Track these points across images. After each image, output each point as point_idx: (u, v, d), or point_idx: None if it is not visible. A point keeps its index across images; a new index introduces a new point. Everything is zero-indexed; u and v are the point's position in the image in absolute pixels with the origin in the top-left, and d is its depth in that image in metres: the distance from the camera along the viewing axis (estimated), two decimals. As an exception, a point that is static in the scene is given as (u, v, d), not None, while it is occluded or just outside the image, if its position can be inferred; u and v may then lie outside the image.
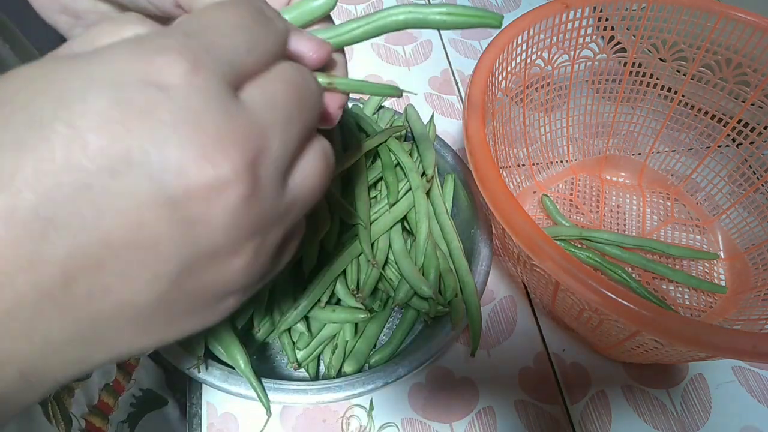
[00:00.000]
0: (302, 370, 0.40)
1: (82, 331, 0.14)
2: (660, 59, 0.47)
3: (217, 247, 0.15)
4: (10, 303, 0.13)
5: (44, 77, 0.14)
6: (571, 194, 0.53)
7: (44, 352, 0.14)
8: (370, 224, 0.41)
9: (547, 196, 0.51)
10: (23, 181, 0.13)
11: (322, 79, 0.21)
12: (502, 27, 0.42)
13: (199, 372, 0.34)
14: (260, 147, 0.15)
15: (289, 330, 0.39)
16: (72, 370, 0.16)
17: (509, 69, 0.43)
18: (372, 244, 0.40)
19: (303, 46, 0.19)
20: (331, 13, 0.24)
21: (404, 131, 0.47)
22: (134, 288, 0.14)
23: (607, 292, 0.28)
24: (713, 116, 0.48)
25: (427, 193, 0.43)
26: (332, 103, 0.21)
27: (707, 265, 0.49)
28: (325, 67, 0.22)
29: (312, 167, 0.17)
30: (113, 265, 0.14)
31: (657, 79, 0.49)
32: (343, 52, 0.24)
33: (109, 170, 0.13)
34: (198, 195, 0.14)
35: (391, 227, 0.42)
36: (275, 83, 0.16)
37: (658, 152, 0.53)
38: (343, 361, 0.38)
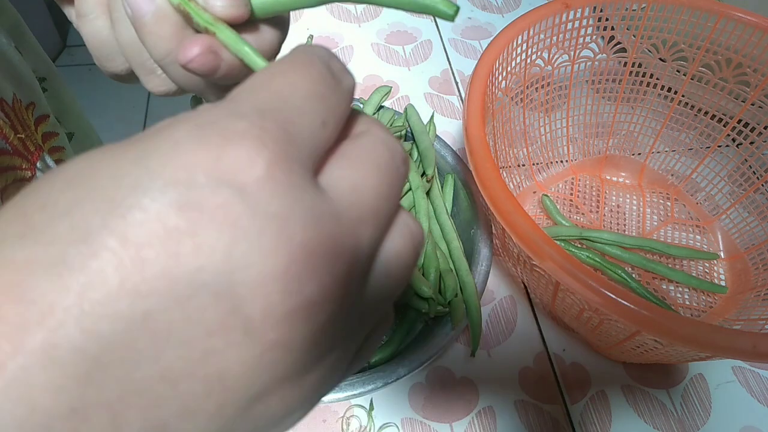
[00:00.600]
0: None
1: None
2: (660, 59, 0.47)
3: (293, 371, 0.12)
4: None
5: (91, 174, 0.11)
6: (571, 194, 0.53)
7: None
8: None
9: (547, 196, 0.51)
10: (65, 312, 0.10)
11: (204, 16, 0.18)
12: (502, 27, 0.42)
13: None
14: (355, 249, 0.12)
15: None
16: None
17: (509, 69, 0.43)
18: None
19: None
20: (331, 14, 0.23)
21: (404, 131, 0.47)
22: (195, 422, 0.12)
23: (607, 292, 0.28)
24: (713, 116, 0.48)
25: (427, 193, 0.43)
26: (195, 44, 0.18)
27: (707, 265, 0.49)
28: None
29: (398, 254, 0.14)
30: (173, 401, 0.11)
31: (657, 79, 0.49)
32: (277, 27, 0.21)
33: (172, 295, 0.11)
34: (279, 320, 0.11)
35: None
36: (359, 164, 0.13)
37: (658, 152, 0.53)
38: (343, 361, 0.38)
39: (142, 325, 0.10)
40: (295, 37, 0.64)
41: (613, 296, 0.28)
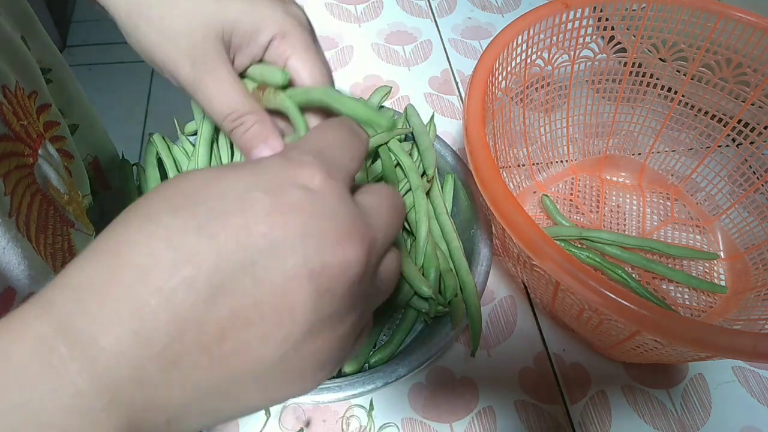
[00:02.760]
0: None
1: (222, 384, 0.17)
2: (660, 59, 0.47)
3: (333, 314, 0.18)
4: (176, 356, 0.16)
5: (217, 180, 0.18)
6: (571, 194, 0.53)
7: (189, 402, 0.17)
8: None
9: (547, 196, 0.51)
10: (203, 256, 0.16)
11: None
12: (502, 27, 0.42)
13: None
14: (372, 241, 0.19)
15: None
16: (203, 422, 0.18)
17: (509, 69, 0.43)
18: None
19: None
20: (331, 14, 0.27)
21: (405, 131, 0.46)
22: (267, 346, 0.17)
23: (607, 292, 0.28)
24: (713, 116, 0.48)
25: (427, 193, 0.43)
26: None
27: (707, 265, 0.49)
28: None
29: (392, 263, 0.21)
30: (258, 325, 0.17)
31: (657, 79, 0.49)
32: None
33: (269, 250, 0.17)
34: (331, 272, 0.17)
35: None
36: (373, 194, 0.21)
37: (658, 152, 0.53)
38: (343, 361, 0.38)
39: (248, 268, 0.16)
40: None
41: (613, 296, 0.28)
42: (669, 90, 0.49)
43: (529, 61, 0.45)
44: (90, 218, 0.36)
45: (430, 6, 0.71)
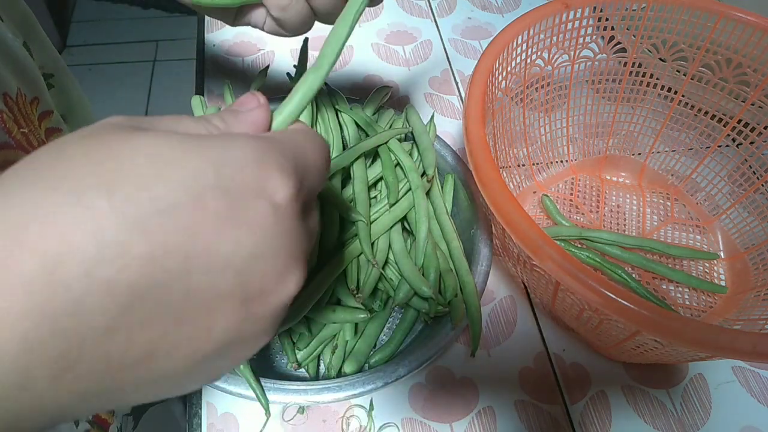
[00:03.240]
0: (302, 370, 0.40)
1: (116, 388, 0.15)
2: (660, 59, 0.47)
3: (253, 335, 0.17)
4: (71, 363, 0.14)
5: (171, 157, 0.15)
6: (571, 194, 0.53)
7: (75, 404, 0.15)
8: (370, 224, 0.41)
9: (547, 196, 0.51)
10: (133, 256, 0.14)
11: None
12: (502, 27, 0.42)
13: (199, 372, 0.34)
14: (306, 257, 0.19)
15: (289, 330, 0.39)
16: (82, 414, 0.16)
17: (509, 69, 0.43)
18: (372, 244, 0.40)
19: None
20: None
21: (405, 131, 0.46)
22: (174, 360, 0.16)
23: (607, 292, 0.28)
24: (713, 116, 0.48)
25: (427, 193, 0.43)
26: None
27: (707, 265, 0.49)
28: None
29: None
30: (170, 338, 0.15)
31: (657, 79, 0.49)
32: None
33: (209, 264, 0.15)
34: (267, 299, 0.16)
35: (391, 227, 0.42)
36: (315, 213, 0.21)
37: (658, 152, 0.53)
38: (343, 361, 0.38)
39: (183, 277, 0.14)
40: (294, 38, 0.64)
41: (613, 296, 0.28)
42: (669, 90, 0.49)
43: (529, 61, 0.45)
44: None
45: (430, 6, 0.71)
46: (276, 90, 0.59)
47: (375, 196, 0.44)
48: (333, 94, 0.48)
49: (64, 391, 0.14)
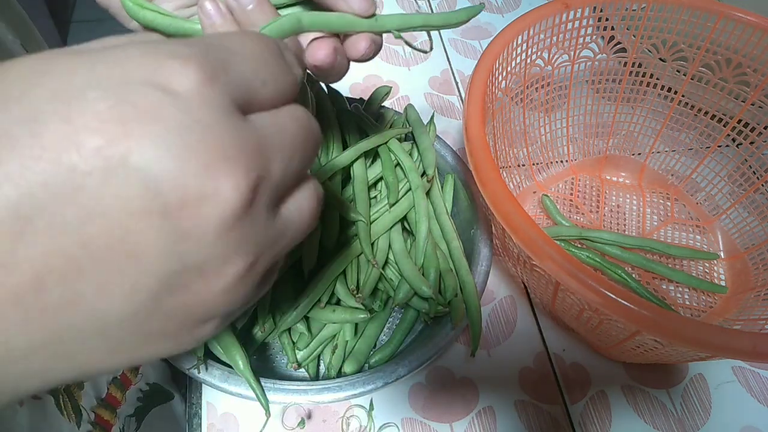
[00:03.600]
0: (302, 370, 0.40)
1: (49, 342, 0.13)
2: (660, 59, 0.47)
3: (203, 264, 0.14)
4: None
5: (44, 70, 0.13)
6: (571, 194, 0.53)
7: (4, 360, 0.13)
8: (370, 224, 0.41)
9: (547, 196, 0.51)
10: (5, 175, 0.12)
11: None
12: (502, 27, 0.42)
13: (199, 372, 0.34)
14: (263, 169, 0.14)
15: (289, 330, 0.39)
16: (33, 383, 0.15)
17: (509, 69, 0.43)
18: (372, 244, 0.40)
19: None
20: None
21: (405, 131, 0.46)
22: (109, 299, 0.13)
23: (607, 292, 0.28)
24: (713, 116, 0.48)
25: (427, 193, 0.43)
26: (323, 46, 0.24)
27: (707, 265, 0.49)
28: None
29: (305, 202, 0.17)
30: (91, 273, 0.13)
31: (657, 79, 0.49)
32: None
33: (102, 172, 0.12)
34: (193, 208, 0.13)
35: (391, 227, 0.42)
36: (284, 117, 0.16)
37: (658, 152, 0.53)
38: (343, 361, 0.38)
39: (72, 195, 0.12)
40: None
41: (613, 296, 0.28)
42: (669, 90, 0.49)
43: (529, 61, 0.45)
44: None
45: (430, 6, 0.71)
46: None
47: (375, 196, 0.44)
48: (333, 94, 0.48)
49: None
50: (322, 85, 0.48)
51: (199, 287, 0.14)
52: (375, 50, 0.26)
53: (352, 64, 0.26)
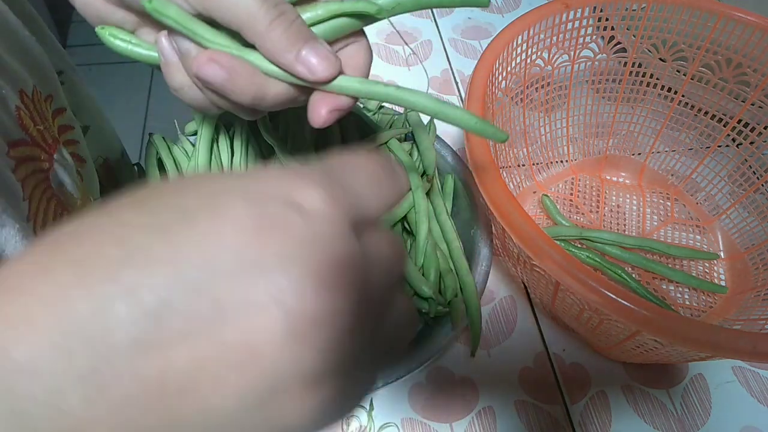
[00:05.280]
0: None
1: (157, 428, 0.13)
2: (660, 59, 0.47)
3: (311, 372, 0.14)
4: (104, 382, 0.12)
5: (197, 182, 0.15)
6: (571, 194, 0.53)
7: None
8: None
9: (547, 196, 0.51)
10: (155, 262, 0.13)
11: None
12: (502, 27, 0.42)
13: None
14: (372, 289, 0.16)
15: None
16: None
17: (509, 69, 0.43)
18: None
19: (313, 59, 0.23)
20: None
21: (405, 131, 0.46)
22: (224, 396, 0.13)
23: (607, 292, 0.28)
24: (713, 116, 0.48)
25: (427, 193, 0.43)
26: (323, 103, 0.25)
27: (707, 265, 0.49)
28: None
29: (399, 319, 0.18)
30: (213, 365, 0.13)
31: (657, 79, 0.49)
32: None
33: (238, 271, 0.13)
34: (313, 316, 0.14)
35: (392, 227, 0.42)
36: (383, 241, 0.17)
37: (658, 152, 0.53)
38: (343, 361, 0.38)
39: (209, 288, 0.13)
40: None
41: (613, 296, 0.28)
42: (669, 90, 0.49)
43: (529, 61, 0.45)
44: None
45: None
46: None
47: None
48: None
49: (100, 422, 0.13)
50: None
51: (299, 397, 0.14)
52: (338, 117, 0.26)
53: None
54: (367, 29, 0.27)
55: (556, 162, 0.54)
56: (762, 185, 0.47)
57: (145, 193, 0.15)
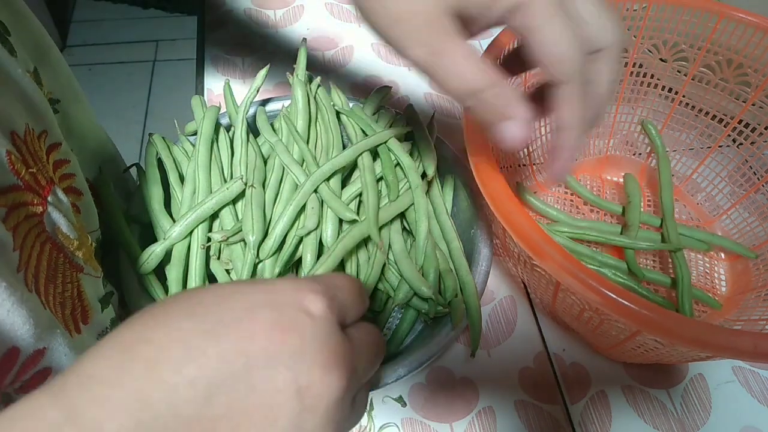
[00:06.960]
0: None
1: None
2: (661, 59, 0.47)
3: (311, 429, 0.20)
4: None
5: (231, 294, 0.21)
6: (572, 194, 0.53)
7: None
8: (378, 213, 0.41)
9: (547, 196, 0.51)
10: (207, 358, 0.19)
11: None
12: (498, 32, 0.42)
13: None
14: (353, 371, 0.22)
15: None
16: None
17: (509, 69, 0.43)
18: (370, 239, 0.40)
19: None
20: (331, 14, 0.25)
21: (405, 131, 0.46)
22: None
23: (607, 292, 0.28)
24: (714, 116, 0.48)
25: (427, 193, 0.43)
26: None
27: (707, 265, 0.49)
28: None
29: (363, 398, 0.25)
30: (244, 429, 0.19)
31: (658, 79, 0.49)
32: None
33: (266, 362, 0.19)
34: (315, 391, 0.20)
35: (392, 221, 0.42)
36: (362, 332, 0.25)
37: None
38: (343, 361, 0.38)
39: (245, 375, 0.19)
40: (294, 37, 0.64)
41: (614, 296, 0.28)
42: (670, 90, 0.49)
43: (529, 61, 0.45)
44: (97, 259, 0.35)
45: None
46: (276, 90, 0.59)
47: (375, 196, 0.44)
48: (333, 94, 0.48)
49: None
50: (322, 85, 0.48)
51: None
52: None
53: (353, 64, 0.26)
54: (367, 30, 0.26)
55: (557, 162, 0.54)
56: (762, 185, 0.47)
57: (194, 302, 0.21)
